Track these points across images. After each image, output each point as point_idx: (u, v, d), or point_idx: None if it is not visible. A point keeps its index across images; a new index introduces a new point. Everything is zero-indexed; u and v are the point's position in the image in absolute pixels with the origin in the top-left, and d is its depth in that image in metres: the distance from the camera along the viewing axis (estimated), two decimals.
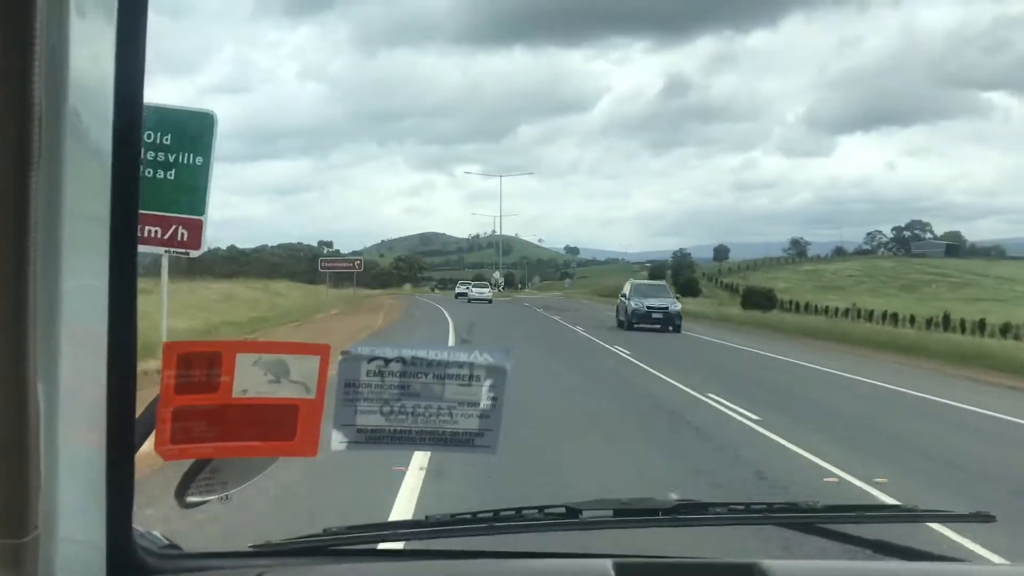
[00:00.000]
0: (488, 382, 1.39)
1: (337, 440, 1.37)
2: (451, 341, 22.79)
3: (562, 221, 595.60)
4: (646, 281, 41.01)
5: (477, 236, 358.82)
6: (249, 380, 1.27)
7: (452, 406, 1.39)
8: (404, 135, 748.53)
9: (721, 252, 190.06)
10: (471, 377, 1.38)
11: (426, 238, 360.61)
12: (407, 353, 1.36)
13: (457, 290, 75.29)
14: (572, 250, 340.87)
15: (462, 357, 1.38)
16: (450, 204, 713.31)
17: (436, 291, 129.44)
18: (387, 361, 1.35)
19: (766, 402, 12.79)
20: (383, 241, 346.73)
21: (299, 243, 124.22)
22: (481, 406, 1.40)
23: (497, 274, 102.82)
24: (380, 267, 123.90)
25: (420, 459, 6.96)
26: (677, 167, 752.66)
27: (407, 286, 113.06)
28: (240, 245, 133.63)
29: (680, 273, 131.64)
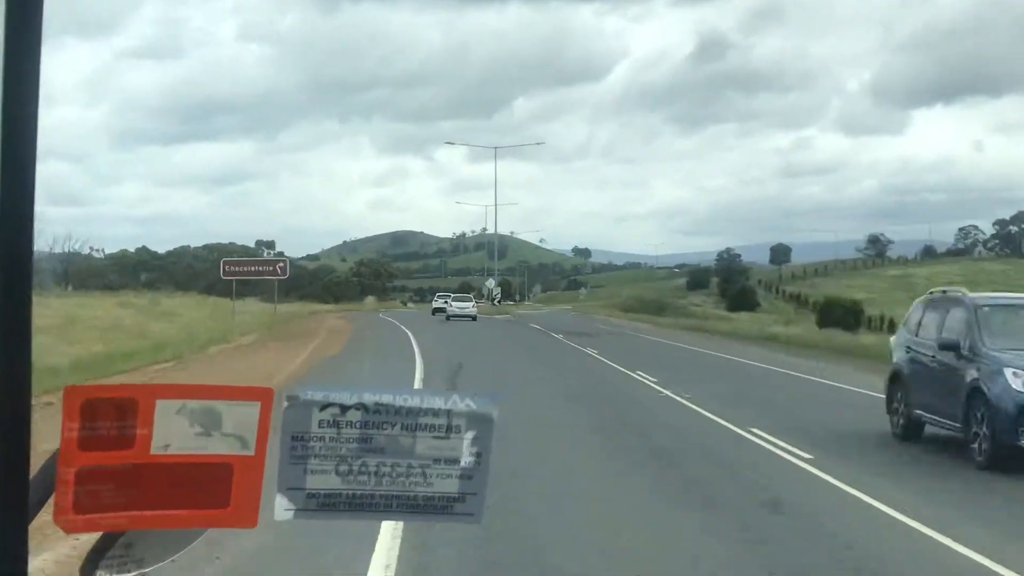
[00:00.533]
0: (470, 434, 1.39)
1: (282, 507, 1.36)
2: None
3: (568, 216, 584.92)
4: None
5: (463, 235, 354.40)
6: (172, 433, 1.27)
7: (426, 464, 1.39)
8: (371, 109, 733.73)
9: (780, 253, 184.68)
10: (449, 428, 1.38)
11: (399, 238, 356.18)
12: (369, 398, 1.35)
13: (434, 304, 75.22)
14: (582, 252, 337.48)
15: (438, 403, 1.37)
16: (429, 196, 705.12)
17: (410, 305, 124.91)
18: (344, 408, 1.35)
19: None
20: (345, 243, 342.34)
21: (231, 243, 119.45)
22: (462, 464, 1.39)
23: (491, 283, 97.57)
24: (336, 274, 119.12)
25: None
26: (710, 148, 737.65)
27: (369, 299, 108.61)
28: (155, 247, 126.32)
29: (731, 281, 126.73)
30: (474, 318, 63.49)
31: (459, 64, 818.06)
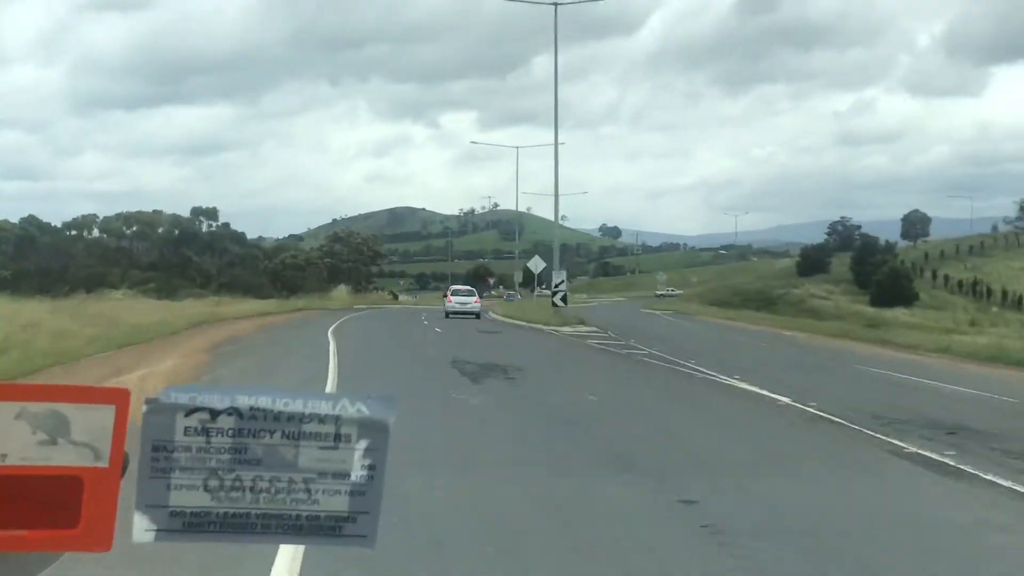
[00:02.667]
0: (363, 444, 1.23)
1: (142, 528, 1.19)
2: None
3: (594, 192, 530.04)
4: None
5: (471, 212, 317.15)
6: (10, 441, 1.13)
7: (310, 479, 1.23)
8: (368, 68, 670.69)
9: (914, 225, 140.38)
10: (338, 437, 1.23)
11: (398, 216, 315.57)
12: (244, 401, 1.20)
13: (447, 305, 56.28)
14: (611, 231, 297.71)
15: (325, 407, 1.22)
16: (433, 168, 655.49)
17: (405, 298, 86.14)
18: (214, 413, 1.19)
19: None
20: (335, 221, 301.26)
21: (156, 212, 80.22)
22: (352, 479, 1.24)
23: (534, 265, 58.07)
24: (292, 254, 78.48)
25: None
26: (759, 112, 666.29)
27: (341, 289, 69.20)
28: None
29: (866, 262, 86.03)
30: (477, 315, 52.92)
31: (470, 14, 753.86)
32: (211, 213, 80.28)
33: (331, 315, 48.47)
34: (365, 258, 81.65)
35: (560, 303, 45.21)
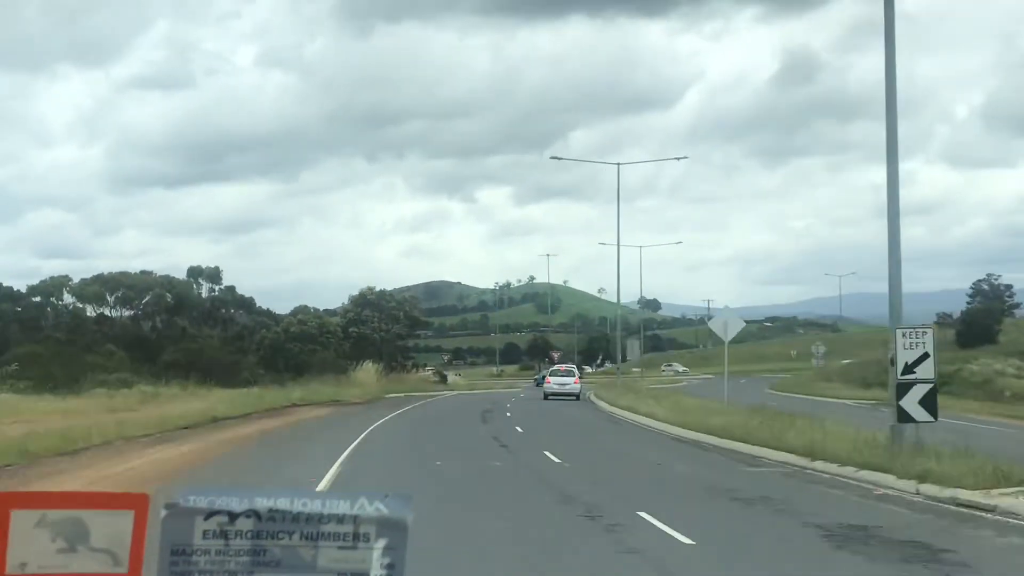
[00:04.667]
0: (381, 543, 1.22)
1: None
2: None
3: (630, 265, 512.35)
4: None
5: (507, 285, 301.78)
6: (31, 549, 1.11)
7: None
8: (405, 144, 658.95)
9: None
10: (356, 536, 1.21)
11: (433, 290, 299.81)
12: (262, 503, 1.18)
13: (546, 386, 52.44)
14: (650, 304, 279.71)
15: (343, 508, 1.20)
16: (469, 242, 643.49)
17: (456, 377, 69.26)
18: (233, 516, 1.17)
19: None
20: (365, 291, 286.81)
21: (145, 272, 63.90)
22: None
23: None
24: (300, 323, 59.71)
25: None
26: (796, 184, 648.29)
27: (368, 369, 52.15)
28: None
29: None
30: (577, 397, 49.26)
31: (508, 91, 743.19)
32: (214, 275, 63.13)
33: (344, 421, 30.04)
34: (402, 327, 64.06)
35: (920, 414, 16.95)
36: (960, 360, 61.05)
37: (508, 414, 34.14)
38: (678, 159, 61.31)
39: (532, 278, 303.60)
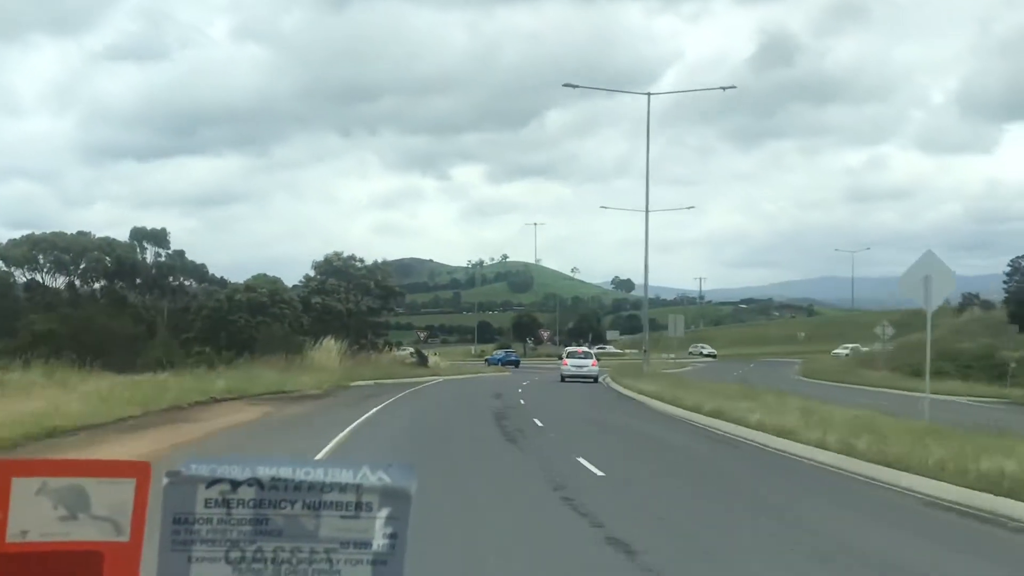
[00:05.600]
0: (384, 513, 1.19)
1: None
2: None
3: (604, 246, 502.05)
4: None
5: (480, 263, 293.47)
6: (31, 517, 1.09)
7: (332, 548, 1.19)
8: (379, 121, 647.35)
9: None
10: (359, 506, 1.19)
11: (404, 267, 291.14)
12: (264, 472, 1.16)
13: (564, 367, 50.71)
14: (623, 284, 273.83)
15: (346, 476, 1.18)
16: (442, 220, 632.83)
17: (438, 358, 61.45)
18: (235, 484, 1.15)
19: None
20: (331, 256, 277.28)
21: (82, 233, 54.69)
22: (375, 548, 1.19)
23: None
24: (247, 293, 49.15)
25: None
26: (771, 167, 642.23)
27: (328, 348, 43.54)
28: None
29: None
30: (595, 380, 47.28)
31: (485, 68, 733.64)
32: (159, 237, 54.42)
33: (270, 436, 20.83)
34: (373, 299, 54.11)
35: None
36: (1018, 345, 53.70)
37: (538, 422, 23.43)
38: (724, 89, 53.46)
39: (505, 256, 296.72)
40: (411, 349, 58.99)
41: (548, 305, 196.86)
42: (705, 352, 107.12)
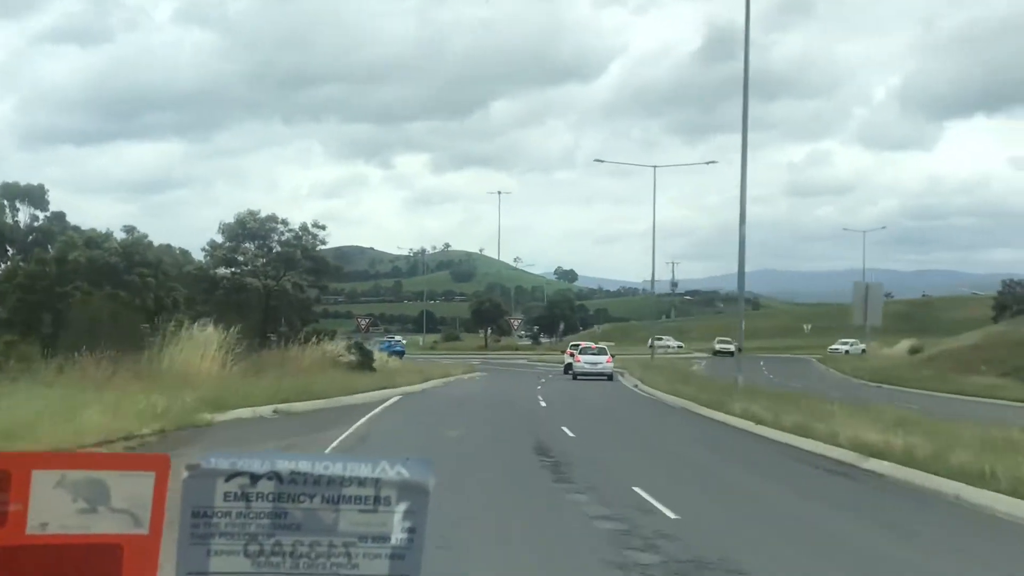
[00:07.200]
0: (402, 507, 1.16)
1: None
2: None
3: (546, 237, 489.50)
4: None
5: (422, 252, 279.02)
6: (51, 509, 1.07)
7: (350, 543, 1.16)
8: (323, 108, 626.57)
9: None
10: (378, 500, 1.16)
11: (344, 255, 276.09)
12: (284, 466, 1.14)
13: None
14: (566, 274, 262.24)
15: (364, 471, 1.16)
16: (386, 209, 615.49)
17: (394, 357, 47.86)
18: (254, 478, 1.13)
19: None
20: (244, 216, 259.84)
21: None
22: (393, 542, 1.17)
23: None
24: (95, 257, 32.93)
25: None
26: (714, 160, 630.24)
27: (206, 338, 25.59)
28: None
29: None
30: (610, 377, 42.18)
31: (432, 57, 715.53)
32: (35, 196, 40.11)
33: None
34: (300, 274, 38.53)
35: None
36: None
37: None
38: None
39: (448, 245, 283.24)
40: (349, 342, 39.70)
41: (491, 295, 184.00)
42: (672, 346, 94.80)
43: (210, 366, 23.76)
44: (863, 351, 78.14)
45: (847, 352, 73.28)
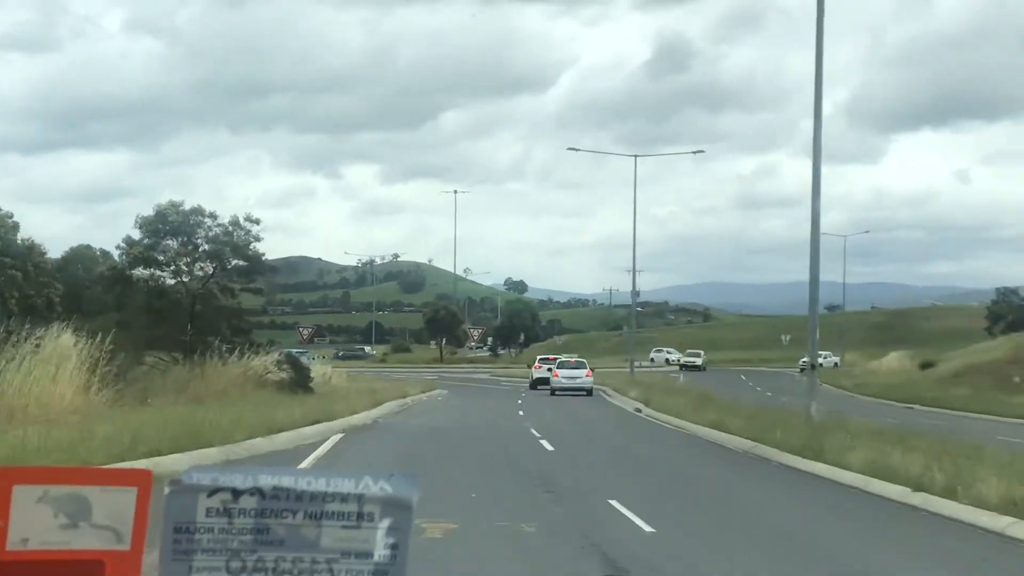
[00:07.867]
0: (385, 523, 1.14)
1: None
2: None
3: (495, 248, 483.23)
4: None
5: (371, 263, 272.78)
6: (32, 525, 1.06)
7: (333, 559, 1.14)
8: (272, 118, 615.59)
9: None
10: (361, 516, 1.14)
11: (292, 265, 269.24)
12: (266, 481, 1.12)
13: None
14: (516, 285, 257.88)
15: (347, 486, 1.14)
16: (334, 219, 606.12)
17: (330, 372, 41.86)
18: (236, 494, 1.11)
19: None
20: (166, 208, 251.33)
21: None
22: (376, 559, 1.14)
23: None
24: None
25: None
26: (664, 173, 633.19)
27: (65, 348, 17.63)
28: None
29: None
30: (589, 392, 40.65)
31: (382, 67, 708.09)
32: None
33: None
34: (230, 276, 32.75)
35: None
36: None
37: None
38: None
39: (396, 256, 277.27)
40: (280, 354, 32.52)
41: (439, 304, 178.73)
42: (672, 359, 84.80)
43: (64, 391, 16.79)
44: (836, 364, 73.75)
45: (820, 365, 68.85)
